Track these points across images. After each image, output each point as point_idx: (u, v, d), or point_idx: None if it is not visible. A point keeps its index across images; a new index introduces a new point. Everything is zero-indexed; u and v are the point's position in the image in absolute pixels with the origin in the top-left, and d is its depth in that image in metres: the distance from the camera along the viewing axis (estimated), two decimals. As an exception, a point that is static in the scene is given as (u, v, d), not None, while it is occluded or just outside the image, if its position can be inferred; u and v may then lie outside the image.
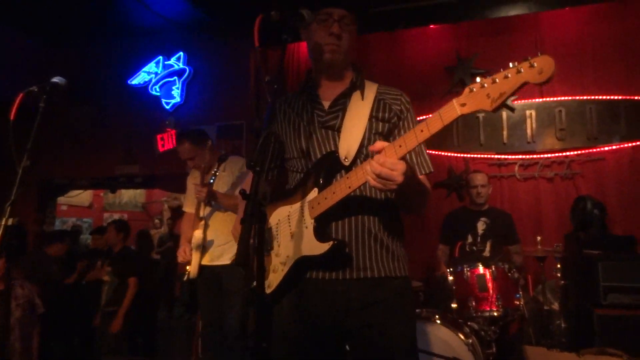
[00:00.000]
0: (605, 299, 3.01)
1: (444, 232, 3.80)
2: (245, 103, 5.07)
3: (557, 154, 4.20)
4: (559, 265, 3.29)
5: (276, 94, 1.34)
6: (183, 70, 5.39)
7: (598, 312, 2.99)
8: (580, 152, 4.16)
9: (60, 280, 4.61)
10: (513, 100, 4.28)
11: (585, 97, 4.19)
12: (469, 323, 2.89)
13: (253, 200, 1.14)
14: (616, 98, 4.11)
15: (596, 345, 2.81)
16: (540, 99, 4.29)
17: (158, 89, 5.46)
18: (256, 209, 1.14)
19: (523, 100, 4.31)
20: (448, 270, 3.10)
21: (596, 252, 3.19)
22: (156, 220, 7.90)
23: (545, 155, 4.23)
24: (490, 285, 2.90)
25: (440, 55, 4.63)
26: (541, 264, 3.40)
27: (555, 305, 3.32)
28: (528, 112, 4.30)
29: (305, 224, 1.46)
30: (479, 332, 2.87)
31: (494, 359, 2.85)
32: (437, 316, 2.76)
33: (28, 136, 1.76)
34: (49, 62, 5.45)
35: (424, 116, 1.29)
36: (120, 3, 4.86)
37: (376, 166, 1.25)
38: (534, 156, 4.27)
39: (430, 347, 2.64)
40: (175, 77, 5.40)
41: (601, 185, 4.06)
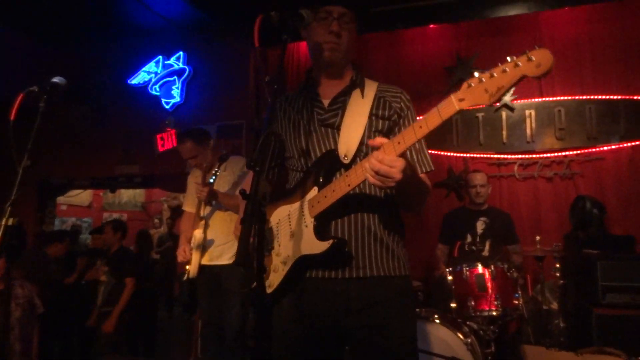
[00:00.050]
0: (603, 299, 3.02)
1: (443, 232, 3.80)
2: (245, 103, 5.07)
3: (557, 154, 4.21)
4: (557, 265, 3.28)
5: (276, 94, 1.34)
6: (183, 70, 5.39)
7: (597, 312, 3.00)
8: (579, 152, 4.17)
9: (59, 280, 4.61)
10: (512, 100, 4.28)
11: (584, 97, 4.19)
12: (468, 322, 2.90)
13: (253, 200, 1.14)
14: (615, 98, 4.11)
15: (595, 345, 2.82)
16: (540, 99, 4.30)
17: (158, 89, 5.46)
18: (256, 209, 1.14)
19: (522, 100, 4.32)
20: (447, 269, 3.10)
21: (595, 252, 3.19)
22: (156, 220, 7.91)
23: (545, 155, 4.24)
24: (489, 284, 2.90)
25: (439, 55, 4.64)
26: (540, 264, 3.40)
27: (554, 305, 3.32)
28: (527, 112, 4.30)
29: (306, 223, 1.45)
30: (478, 332, 2.88)
31: (492, 358, 2.85)
32: (436, 316, 2.77)
33: (28, 136, 1.76)
34: (48, 62, 5.45)
35: (423, 116, 1.30)
36: (120, 3, 4.86)
37: (375, 163, 1.25)
38: (534, 156, 4.28)
39: (430, 347, 2.65)
40: (175, 77, 5.40)
41: (600, 185, 4.07)
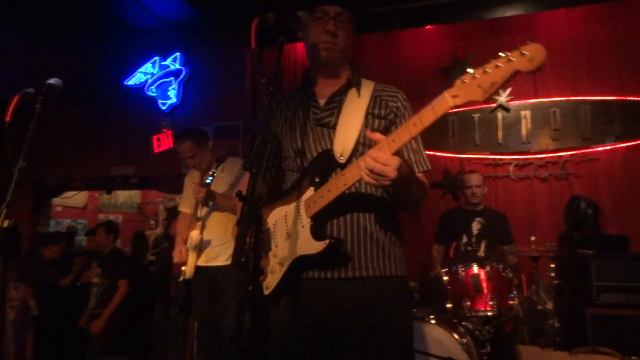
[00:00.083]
0: (598, 299, 3.03)
1: (439, 232, 3.81)
2: (241, 104, 5.07)
3: (552, 154, 4.23)
4: (552, 265, 3.30)
5: (273, 95, 1.34)
6: (179, 71, 5.38)
7: (591, 312, 3.02)
8: (574, 153, 4.19)
9: (54, 282, 4.59)
10: (508, 101, 4.28)
11: (579, 98, 4.22)
12: (464, 323, 2.91)
13: (249, 201, 1.14)
14: (610, 99, 4.14)
15: (589, 344, 2.84)
16: (535, 100, 4.32)
17: (154, 90, 5.45)
18: (252, 211, 1.14)
19: (518, 101, 4.34)
20: (443, 270, 3.11)
21: (589, 252, 3.21)
22: (152, 221, 7.87)
23: (540, 156, 4.26)
24: (484, 285, 2.92)
25: (436, 56, 4.65)
26: (535, 264, 3.42)
27: (549, 305, 3.33)
28: (523, 113, 4.33)
29: (302, 223, 1.45)
30: (474, 332, 2.89)
31: (488, 358, 2.87)
32: (432, 316, 2.78)
33: (23, 137, 1.75)
34: (44, 63, 5.43)
35: (418, 113, 1.30)
36: (117, 3, 4.85)
37: (369, 161, 1.24)
38: (529, 156, 4.30)
39: (425, 347, 2.66)
40: (172, 78, 5.39)
41: (595, 185, 4.09)
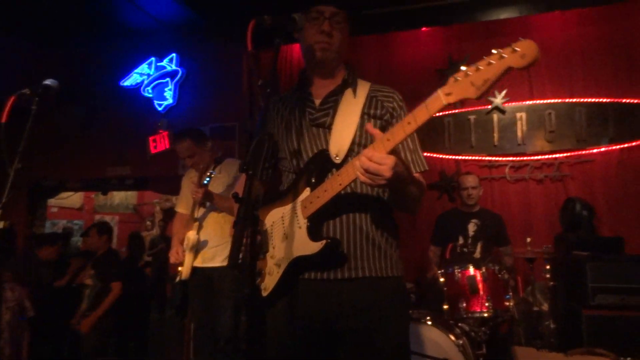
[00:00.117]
0: (593, 300, 3.04)
1: (435, 234, 3.82)
2: (238, 105, 5.07)
3: (547, 156, 4.26)
4: (548, 267, 3.32)
5: (269, 97, 1.34)
6: (175, 72, 5.37)
7: (586, 313, 3.02)
8: (569, 154, 4.21)
9: (50, 283, 4.57)
10: (504, 103, 4.30)
11: (574, 100, 4.24)
12: (460, 324, 2.92)
13: (246, 203, 1.14)
14: (604, 101, 4.17)
15: (585, 346, 2.85)
16: (530, 102, 4.34)
17: (150, 91, 5.44)
18: (249, 212, 1.14)
19: (513, 103, 4.36)
20: (439, 271, 3.12)
21: (585, 253, 3.21)
22: (148, 222, 7.85)
23: (535, 157, 4.29)
24: (480, 286, 2.92)
25: (431, 58, 4.67)
26: (531, 265, 3.44)
27: (545, 306, 3.35)
28: (518, 115, 4.35)
29: (299, 224, 1.45)
30: (470, 333, 2.90)
31: (484, 359, 2.87)
32: (428, 317, 2.79)
33: (19, 138, 1.75)
34: (40, 63, 5.41)
35: (412, 112, 1.30)
36: (113, 4, 4.84)
37: (364, 160, 1.24)
38: (524, 158, 4.32)
39: (422, 348, 2.66)
40: (168, 79, 5.38)
41: (590, 187, 4.11)
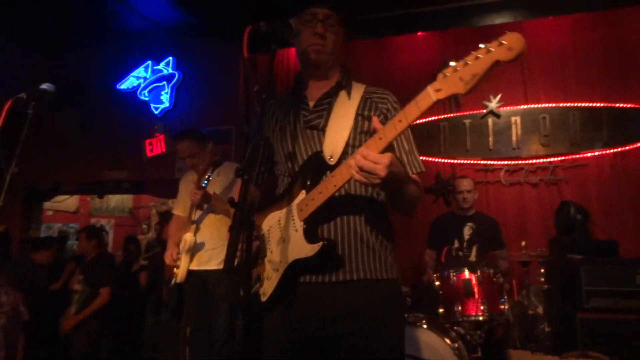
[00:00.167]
0: (587, 303, 3.06)
1: (431, 237, 3.84)
2: (234, 108, 5.07)
3: (542, 160, 4.29)
4: (542, 270, 3.34)
5: (265, 103, 1.35)
6: (172, 75, 5.38)
7: (581, 316, 3.04)
8: (563, 158, 4.24)
9: (45, 287, 4.54)
10: (498, 107, 4.32)
11: (568, 104, 4.28)
12: (455, 327, 2.93)
13: (242, 207, 1.15)
14: (598, 105, 4.20)
15: (579, 349, 2.87)
16: (525, 106, 4.37)
17: (147, 94, 5.44)
18: (245, 217, 1.14)
19: (508, 107, 4.39)
20: (435, 275, 3.13)
21: (579, 257, 3.24)
22: (144, 226, 7.83)
23: (530, 161, 4.32)
24: (475, 289, 2.93)
25: (427, 62, 4.69)
26: (526, 269, 3.46)
27: (540, 310, 3.37)
28: (513, 119, 4.38)
29: (295, 227, 1.44)
30: (465, 337, 2.91)
31: (479, 362, 2.88)
32: (424, 321, 2.80)
33: (15, 140, 1.75)
34: (37, 67, 5.41)
35: (403, 110, 1.32)
36: (110, 7, 4.85)
37: (359, 158, 1.24)
38: (519, 162, 4.35)
39: (418, 352, 2.67)
40: (164, 82, 5.39)
41: (584, 190, 4.14)
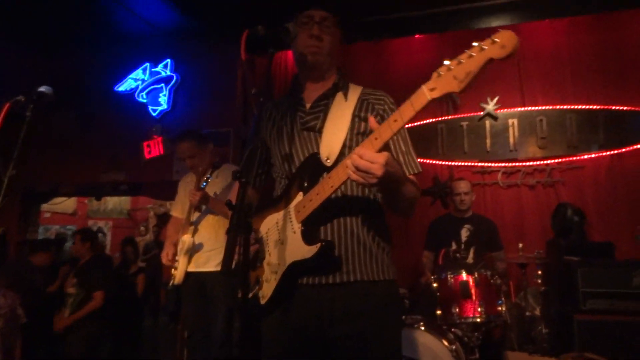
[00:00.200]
0: (584, 305, 3.08)
1: (429, 239, 3.84)
2: (232, 110, 5.08)
3: (539, 162, 4.30)
4: (540, 272, 3.35)
5: (262, 106, 1.36)
6: (170, 77, 5.38)
7: (577, 318, 3.06)
8: (560, 161, 4.26)
9: (43, 290, 4.53)
10: (496, 110, 4.34)
11: (565, 107, 4.29)
12: (453, 329, 2.93)
13: (239, 210, 1.15)
14: (595, 108, 4.22)
15: (576, 350, 2.88)
16: (522, 108, 4.39)
17: (145, 96, 5.44)
18: (242, 219, 1.14)
19: (505, 110, 4.41)
20: (432, 277, 3.13)
21: (576, 259, 3.25)
22: (142, 228, 7.82)
23: (527, 163, 4.33)
24: (473, 291, 2.93)
25: (425, 65, 4.70)
26: (523, 271, 3.47)
27: (537, 311, 3.37)
28: (510, 121, 4.40)
29: (293, 229, 1.44)
30: (463, 338, 2.91)
31: (477, 364, 2.89)
32: (422, 322, 2.80)
33: (12, 142, 1.75)
34: (35, 69, 5.40)
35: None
36: (108, 10, 4.85)
37: (355, 158, 1.24)
38: (517, 164, 4.36)
39: (415, 354, 2.67)
40: (162, 84, 5.39)
41: (581, 192, 4.16)
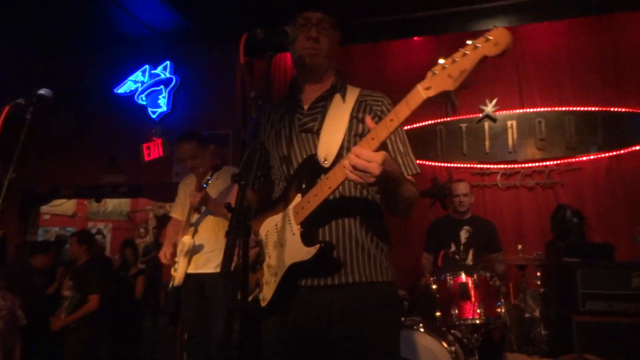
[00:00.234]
0: (583, 306, 3.08)
1: (428, 241, 3.84)
2: (231, 112, 5.09)
3: (538, 164, 4.31)
4: (539, 273, 3.35)
5: (261, 109, 1.36)
6: (169, 80, 5.39)
7: (577, 319, 3.06)
8: (559, 162, 4.27)
9: (43, 292, 4.53)
10: (495, 111, 4.35)
11: (563, 109, 4.31)
12: (452, 331, 2.93)
13: (238, 213, 1.15)
14: (593, 109, 4.23)
15: (575, 352, 2.88)
16: (521, 110, 4.40)
17: (144, 98, 5.45)
18: (241, 222, 1.14)
19: (504, 111, 4.42)
20: (432, 278, 3.13)
21: (575, 260, 3.25)
22: (141, 230, 7.81)
23: (526, 165, 4.34)
24: (472, 293, 2.93)
25: (423, 67, 4.64)
26: (522, 272, 3.47)
27: (536, 313, 3.38)
28: (509, 123, 4.41)
29: (292, 231, 1.44)
30: (462, 340, 2.91)
31: (476, 366, 2.89)
32: (421, 324, 2.80)
33: (12, 146, 1.75)
34: (34, 71, 5.40)
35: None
36: (107, 12, 4.86)
37: (352, 157, 1.24)
38: (515, 166, 4.37)
39: (415, 355, 2.68)
40: (162, 86, 5.40)
41: (580, 194, 4.17)
